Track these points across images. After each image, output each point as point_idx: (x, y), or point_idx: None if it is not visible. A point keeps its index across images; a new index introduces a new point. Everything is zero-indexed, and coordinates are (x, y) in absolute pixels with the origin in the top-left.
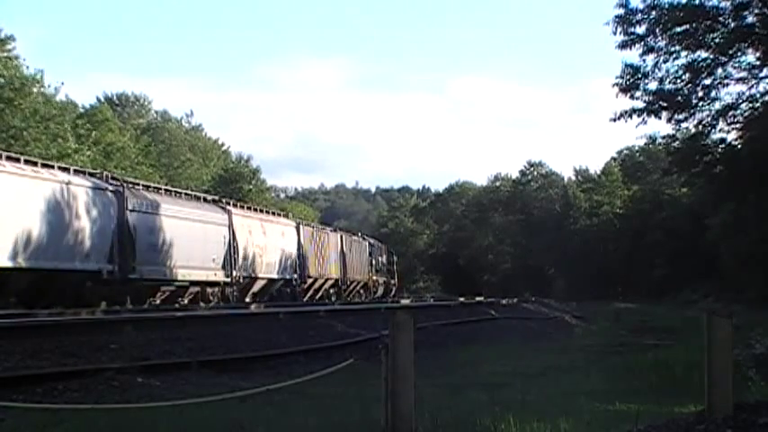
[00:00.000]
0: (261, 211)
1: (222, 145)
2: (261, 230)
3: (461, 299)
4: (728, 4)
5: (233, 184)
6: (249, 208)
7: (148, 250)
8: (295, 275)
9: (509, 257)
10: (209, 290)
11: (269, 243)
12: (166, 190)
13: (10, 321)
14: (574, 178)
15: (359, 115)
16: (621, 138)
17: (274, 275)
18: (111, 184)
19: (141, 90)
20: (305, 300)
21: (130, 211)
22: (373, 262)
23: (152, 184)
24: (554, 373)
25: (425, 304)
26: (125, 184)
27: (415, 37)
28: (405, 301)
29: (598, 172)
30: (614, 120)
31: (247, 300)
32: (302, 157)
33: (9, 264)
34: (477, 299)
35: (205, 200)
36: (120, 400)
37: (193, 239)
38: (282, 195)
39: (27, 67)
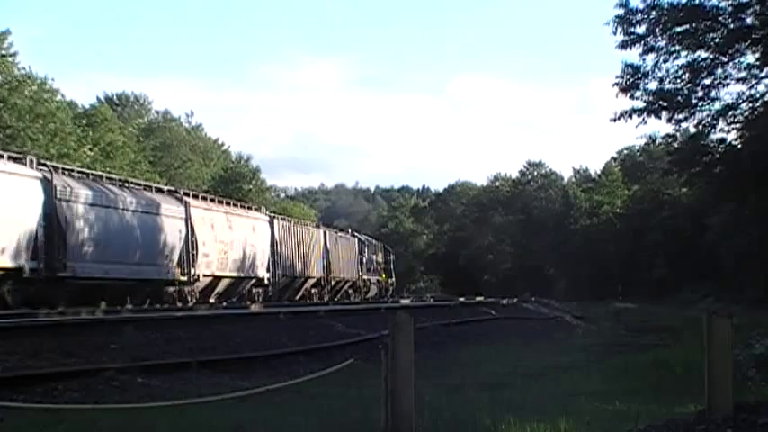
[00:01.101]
0: (227, 203)
1: (222, 145)
2: (226, 224)
3: (461, 299)
4: (728, 4)
5: (233, 184)
6: (213, 200)
7: (85, 245)
8: (268, 274)
9: (509, 257)
10: (167, 289)
11: (236, 238)
12: (109, 178)
13: (10, 321)
14: (574, 178)
15: (358, 115)
16: (621, 138)
17: (242, 274)
18: (37, 170)
19: (141, 90)
20: (280, 301)
21: (61, 200)
22: (364, 260)
23: (93, 172)
24: (554, 373)
25: (425, 304)
26: (54, 170)
27: (415, 36)
28: (405, 301)
29: (598, 172)
30: (614, 120)
31: (211, 301)
32: (301, 157)
33: None
34: (477, 299)
35: (159, 190)
36: (120, 400)
37: (142, 233)
38: (282, 195)
39: (24, 68)
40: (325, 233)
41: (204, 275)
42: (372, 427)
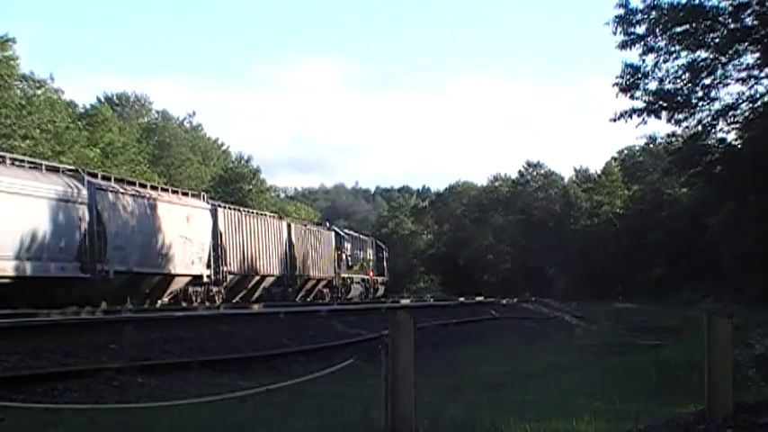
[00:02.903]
0: (154, 187)
1: (222, 145)
2: (150, 211)
3: (461, 299)
4: (728, 4)
5: (233, 185)
6: (134, 183)
7: None
8: (208, 271)
9: (509, 257)
10: (59, 290)
11: (167, 229)
12: None
13: (10, 321)
14: (575, 178)
15: (357, 115)
16: (621, 138)
17: (173, 271)
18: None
19: (141, 90)
20: (219, 303)
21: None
22: (344, 256)
23: None
24: (554, 373)
25: (425, 304)
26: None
27: (414, 36)
28: (405, 301)
29: (598, 172)
30: (614, 120)
31: (129, 306)
32: (300, 157)
33: None
34: (477, 299)
35: (53, 169)
36: (121, 399)
37: (16, 221)
38: (282, 195)
39: (24, 70)
40: (289, 225)
41: (117, 272)
42: (372, 427)
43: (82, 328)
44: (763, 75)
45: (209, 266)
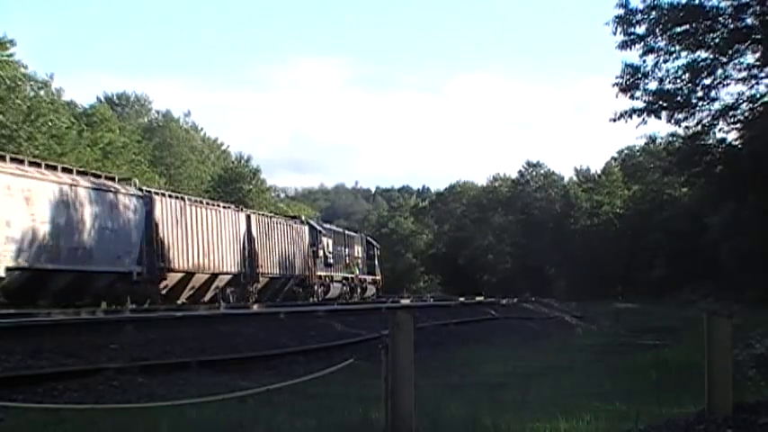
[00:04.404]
0: (66, 170)
1: (222, 145)
2: (57, 199)
3: (461, 299)
4: (728, 4)
5: (233, 184)
6: (38, 164)
7: None
8: (138, 268)
9: (509, 257)
10: None
11: (78, 219)
12: None
13: (10, 321)
14: (575, 178)
15: (356, 115)
16: (621, 138)
17: (90, 267)
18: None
19: (141, 90)
20: (159, 305)
21: None
22: (321, 253)
23: None
24: (554, 373)
25: (425, 304)
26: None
27: (413, 36)
28: (405, 301)
29: (599, 172)
30: (614, 120)
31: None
32: (298, 157)
33: None
34: (477, 299)
35: None
36: (121, 400)
37: None
38: (283, 195)
39: (25, 66)
40: (248, 217)
41: (10, 269)
42: (372, 427)
43: (82, 328)
44: (763, 75)
45: (140, 263)
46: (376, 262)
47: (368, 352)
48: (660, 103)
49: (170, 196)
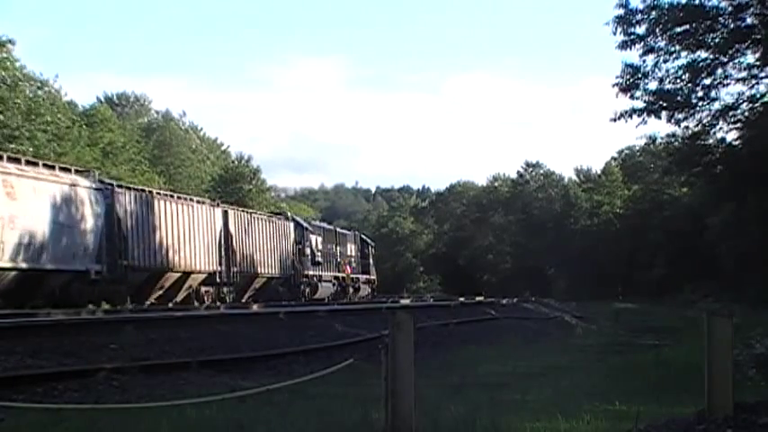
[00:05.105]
0: (13, 158)
1: (221, 144)
2: (2, 189)
3: (461, 299)
4: (728, 4)
5: (233, 184)
6: None
7: None
8: (97, 266)
9: (509, 257)
10: None
11: (24, 212)
12: None
13: (10, 321)
14: (575, 178)
15: (356, 115)
16: (621, 138)
17: (32, 264)
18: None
19: (141, 90)
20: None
21: None
22: (308, 251)
23: None
24: (554, 373)
25: (425, 304)
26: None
27: (412, 36)
28: (405, 301)
29: (599, 172)
30: (614, 120)
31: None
32: (298, 157)
33: None
34: (477, 299)
35: None
36: (121, 399)
37: None
38: (283, 195)
39: (25, 66)
40: (225, 213)
41: None
42: (372, 427)
43: (82, 328)
44: (763, 75)
45: (99, 261)
46: (371, 261)
47: (368, 352)
48: (660, 103)
49: (135, 189)
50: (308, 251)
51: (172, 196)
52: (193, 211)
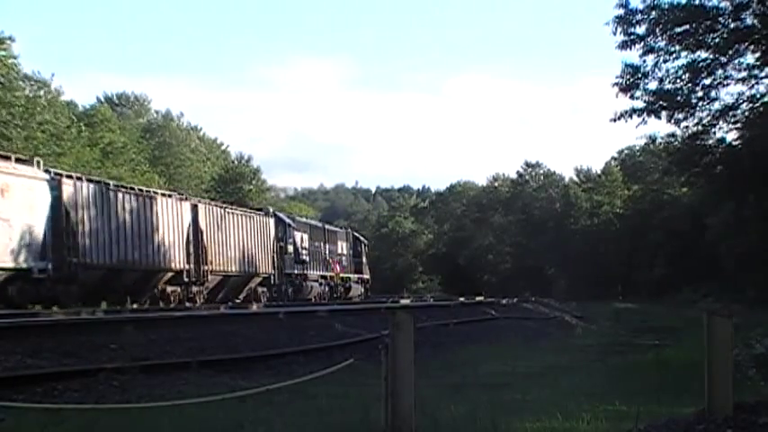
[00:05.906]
0: None
1: (221, 144)
2: None
3: (461, 299)
4: (728, 4)
5: (233, 184)
6: None
7: None
8: (43, 264)
9: (509, 257)
10: None
11: None
12: None
13: (10, 321)
14: (575, 178)
15: (356, 115)
16: (621, 138)
17: None
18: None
19: (141, 90)
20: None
21: None
22: (291, 248)
23: None
24: (554, 373)
25: (425, 304)
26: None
27: (413, 36)
28: (405, 301)
29: (599, 172)
30: (614, 120)
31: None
32: (297, 157)
33: None
34: (477, 299)
35: None
36: (121, 399)
37: None
38: (283, 195)
39: (22, 66)
40: (195, 207)
41: None
42: (372, 427)
43: (82, 328)
44: (763, 75)
45: (44, 258)
46: (364, 260)
47: (368, 352)
48: (660, 103)
49: (88, 180)
50: (290, 249)
51: (131, 188)
52: (157, 205)
